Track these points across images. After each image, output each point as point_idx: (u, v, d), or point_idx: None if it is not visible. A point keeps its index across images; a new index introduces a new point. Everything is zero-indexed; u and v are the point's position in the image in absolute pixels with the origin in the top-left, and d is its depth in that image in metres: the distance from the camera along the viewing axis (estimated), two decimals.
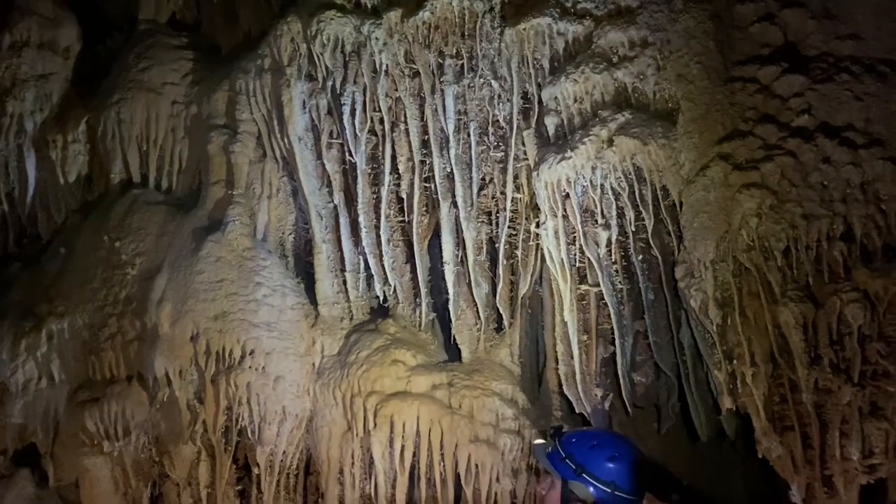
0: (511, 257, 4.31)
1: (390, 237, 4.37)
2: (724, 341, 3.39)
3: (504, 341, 4.40)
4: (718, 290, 3.34)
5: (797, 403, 3.30)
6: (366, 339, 4.32)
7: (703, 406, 3.74)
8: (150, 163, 4.92)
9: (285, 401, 4.25)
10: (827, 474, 3.30)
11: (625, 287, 3.95)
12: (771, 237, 3.17)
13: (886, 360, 3.15)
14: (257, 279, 4.38)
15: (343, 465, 4.18)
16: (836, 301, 3.12)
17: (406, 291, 4.45)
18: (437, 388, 4.20)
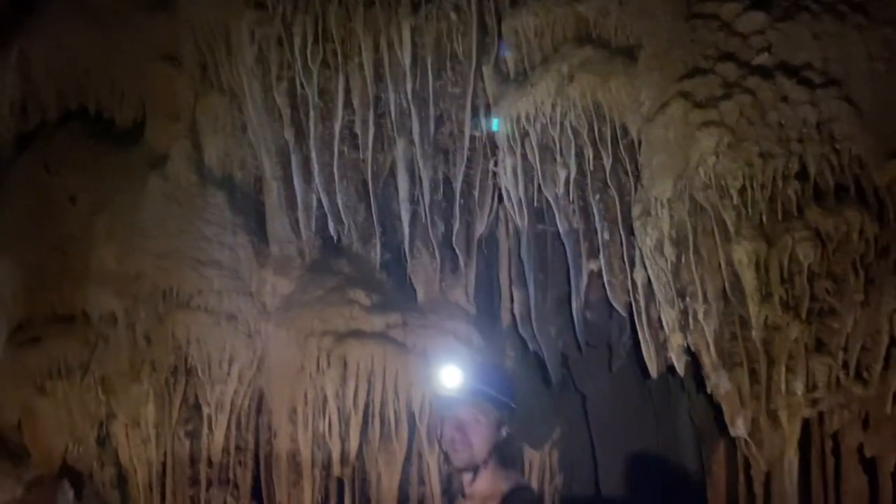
0: (468, 197, 4.26)
1: (344, 175, 4.26)
2: (677, 279, 3.41)
3: (460, 281, 4.39)
4: (674, 229, 3.34)
5: (746, 340, 3.36)
6: (319, 278, 4.26)
7: (653, 344, 3.78)
8: (89, 94, 4.66)
9: (236, 340, 4.18)
10: (772, 408, 3.39)
11: (581, 227, 3.94)
12: (727, 175, 3.17)
13: (833, 298, 3.22)
14: (205, 216, 4.25)
15: (295, 404, 4.14)
16: (788, 239, 3.15)
17: (360, 231, 4.36)
18: (391, 327, 4.18)
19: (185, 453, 4.24)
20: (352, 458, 4.09)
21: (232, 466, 4.29)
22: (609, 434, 4.44)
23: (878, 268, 3.20)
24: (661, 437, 4.45)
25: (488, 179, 4.21)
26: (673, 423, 4.45)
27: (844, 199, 3.16)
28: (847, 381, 3.32)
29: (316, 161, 4.23)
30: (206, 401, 4.21)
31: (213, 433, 4.24)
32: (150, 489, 4.22)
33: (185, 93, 4.38)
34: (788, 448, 3.43)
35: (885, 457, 4.14)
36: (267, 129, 4.30)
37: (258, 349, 4.23)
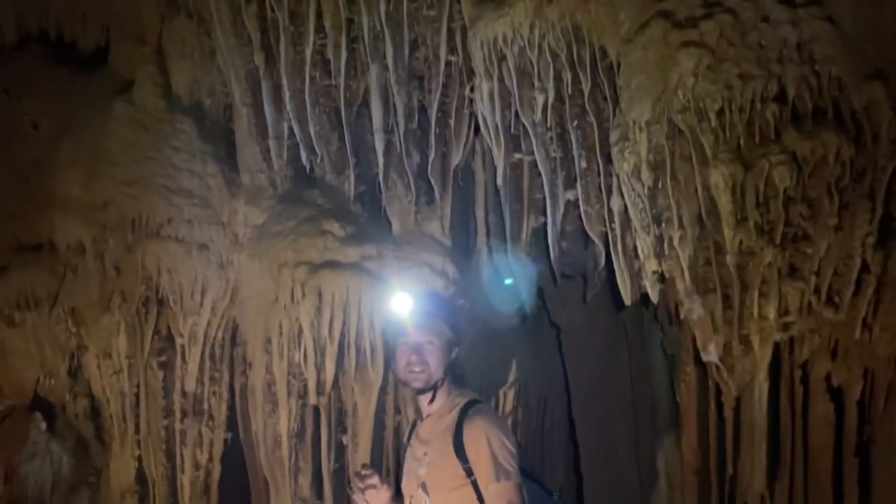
0: (444, 126, 4.18)
1: (316, 102, 4.14)
2: (653, 205, 3.40)
3: (435, 213, 4.34)
4: (651, 153, 3.31)
5: (720, 266, 3.37)
6: (292, 209, 4.19)
7: (628, 272, 3.78)
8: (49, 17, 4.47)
9: (208, 271, 4.12)
10: (743, 333, 3.43)
11: (558, 155, 3.90)
12: (706, 97, 3.13)
13: (807, 223, 3.23)
14: (174, 143, 4.15)
15: (270, 335, 4.11)
16: (764, 163, 3.13)
17: (334, 161, 4.27)
18: (366, 259, 4.13)
19: (159, 384, 4.22)
20: (327, 387, 4.08)
21: (206, 397, 4.28)
22: (582, 364, 4.48)
23: (852, 192, 3.20)
24: (634, 366, 4.49)
25: (464, 108, 4.13)
26: (646, 352, 4.49)
27: (822, 122, 3.14)
28: (818, 306, 3.35)
29: (287, 88, 4.10)
30: (178, 332, 4.16)
31: (187, 364, 4.21)
32: (124, 420, 4.21)
33: (151, 16, 4.22)
34: (759, 372, 3.48)
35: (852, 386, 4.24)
36: (236, 54, 4.16)
37: (231, 280, 4.18)
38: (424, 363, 2.08)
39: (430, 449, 2.09)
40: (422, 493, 2.07)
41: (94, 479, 4.40)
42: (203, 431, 4.27)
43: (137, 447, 4.24)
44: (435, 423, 2.12)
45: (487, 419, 2.08)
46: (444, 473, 2.04)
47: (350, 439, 4.19)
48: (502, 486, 1.98)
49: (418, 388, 2.10)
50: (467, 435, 2.02)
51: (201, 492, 4.28)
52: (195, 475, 4.25)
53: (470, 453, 2.01)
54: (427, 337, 2.09)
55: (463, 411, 2.09)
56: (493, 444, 2.01)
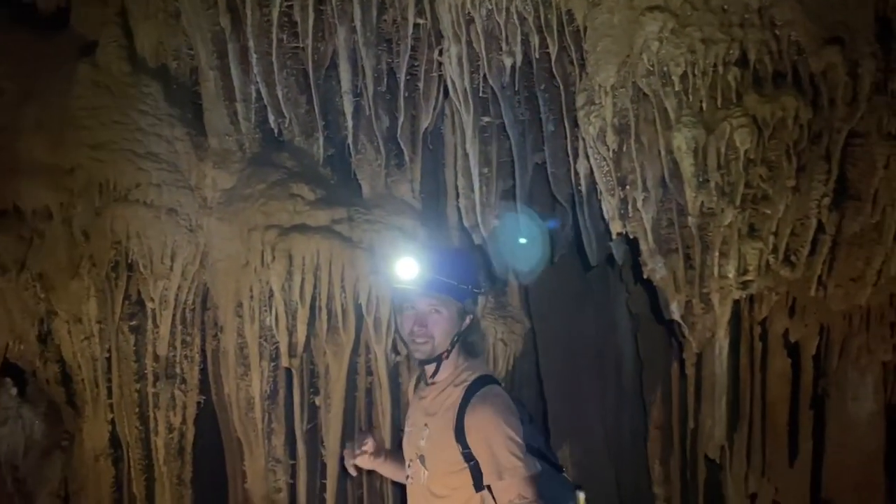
0: (413, 89, 4.18)
1: (284, 65, 4.11)
2: (618, 168, 3.48)
3: (405, 177, 4.36)
4: (616, 117, 3.38)
5: (682, 226, 3.48)
6: (261, 172, 4.17)
7: (594, 233, 3.88)
8: None
9: (177, 235, 4.10)
10: (704, 292, 3.55)
11: (526, 119, 3.95)
12: (670, 61, 3.19)
13: (767, 184, 3.32)
14: (141, 107, 4.08)
15: (241, 298, 4.12)
16: (726, 126, 3.21)
17: (303, 124, 4.26)
18: (336, 222, 4.14)
19: (130, 348, 4.21)
20: (299, 350, 4.12)
21: (178, 361, 4.29)
22: (550, 324, 4.59)
23: (809, 154, 3.30)
24: (600, 325, 4.62)
25: (433, 71, 4.12)
26: (611, 312, 4.62)
27: (781, 86, 3.22)
28: (776, 265, 3.47)
29: (254, 50, 4.05)
30: (149, 296, 4.15)
31: (159, 328, 4.21)
32: (96, 384, 4.21)
33: None
34: (719, 329, 3.61)
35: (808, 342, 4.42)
36: (201, 15, 4.09)
37: (201, 244, 4.16)
38: (429, 335, 1.94)
39: (432, 422, 1.97)
40: (420, 464, 1.98)
41: (68, 444, 4.42)
42: (176, 394, 4.29)
43: (110, 411, 4.25)
44: (440, 394, 1.99)
45: (491, 408, 1.90)
46: (442, 454, 1.94)
47: (322, 401, 4.25)
48: (506, 484, 1.85)
49: (420, 357, 1.97)
50: (469, 423, 1.89)
51: (175, 453, 4.32)
52: (169, 437, 4.27)
53: (471, 442, 1.89)
54: (434, 306, 1.94)
55: (469, 392, 1.93)
56: (495, 439, 1.86)
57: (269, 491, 4.28)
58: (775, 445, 4.54)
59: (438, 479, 1.96)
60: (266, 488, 4.28)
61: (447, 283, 1.94)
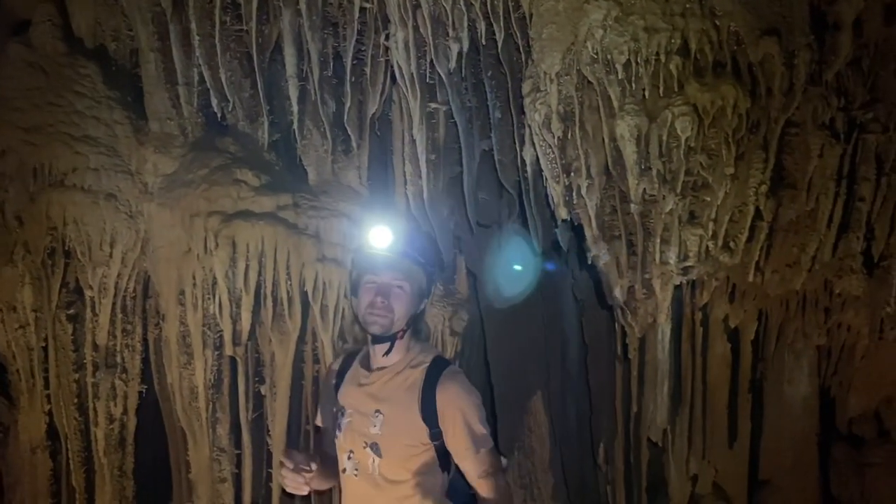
0: (359, 74, 4.14)
1: (227, 48, 4.03)
2: (563, 155, 3.50)
3: (353, 163, 4.32)
4: (561, 104, 3.40)
5: (625, 213, 3.52)
6: (203, 157, 4.07)
7: (540, 220, 3.91)
8: None
9: (116, 221, 3.98)
10: (647, 277, 3.60)
11: (473, 105, 3.95)
12: (614, 49, 3.22)
13: (706, 172, 3.39)
14: (77, 88, 3.95)
15: (183, 286, 4.03)
16: (667, 114, 3.26)
17: (247, 108, 4.18)
18: (282, 208, 4.08)
19: (68, 338, 4.09)
20: (244, 338, 4.06)
21: (119, 350, 4.18)
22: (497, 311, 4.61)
23: (748, 143, 3.37)
24: (546, 311, 4.66)
25: (380, 56, 4.09)
26: (557, 298, 4.66)
27: (721, 75, 3.27)
28: (715, 251, 3.54)
29: (196, 32, 3.96)
30: (87, 284, 4.04)
31: (98, 317, 4.10)
32: (32, 375, 4.08)
33: None
34: (660, 314, 3.67)
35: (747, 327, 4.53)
36: None
37: (141, 230, 4.05)
38: (389, 308, 1.91)
39: (385, 407, 1.93)
40: (370, 452, 1.93)
41: (2, 436, 4.28)
42: (116, 384, 4.18)
43: (47, 402, 4.12)
44: (394, 377, 1.96)
45: (462, 386, 1.94)
46: (403, 437, 1.92)
47: (268, 389, 4.20)
48: (480, 457, 1.90)
49: (376, 333, 1.92)
50: (441, 400, 1.90)
51: (116, 444, 4.22)
52: (109, 428, 4.17)
53: (444, 420, 1.89)
54: (398, 280, 1.92)
55: (433, 372, 1.94)
56: (470, 413, 1.90)
57: (214, 481, 4.22)
58: (715, 428, 4.66)
59: (396, 464, 1.93)
60: (211, 478, 4.22)
61: (417, 258, 1.94)
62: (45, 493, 4.21)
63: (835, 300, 4.27)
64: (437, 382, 1.92)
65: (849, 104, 3.71)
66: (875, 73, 3.73)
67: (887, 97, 3.73)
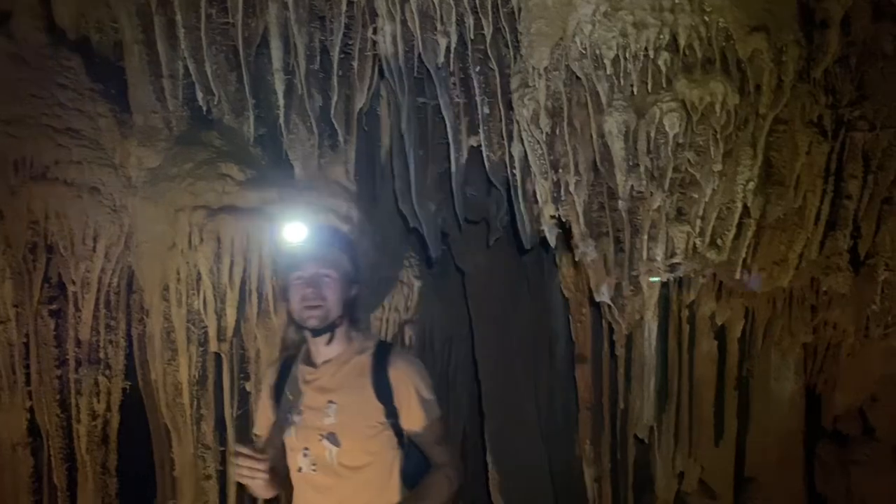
0: (347, 68, 4.11)
1: (213, 40, 3.98)
2: (551, 151, 3.48)
3: (339, 158, 4.28)
4: (550, 100, 3.37)
5: (613, 210, 3.50)
6: (188, 151, 4.03)
7: (528, 217, 3.88)
8: None
9: (100, 215, 3.94)
10: (633, 275, 3.59)
11: (461, 101, 3.92)
12: (602, 45, 3.18)
13: (694, 168, 3.36)
14: (60, 80, 3.90)
15: (168, 281, 3.99)
16: (656, 110, 3.23)
17: (233, 102, 4.13)
18: (267, 203, 4.04)
19: (50, 333, 4.05)
20: (229, 334, 4.02)
21: (102, 346, 4.15)
22: (485, 306, 4.59)
23: (736, 139, 3.35)
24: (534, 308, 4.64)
25: (368, 50, 4.05)
26: (546, 295, 4.64)
27: (710, 72, 3.25)
28: (703, 248, 3.53)
29: (181, 24, 3.92)
30: (70, 279, 3.99)
31: (81, 312, 4.06)
32: (13, 371, 4.03)
33: None
34: (647, 311, 3.66)
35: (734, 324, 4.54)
36: None
37: (125, 225, 4.01)
38: (321, 297, 1.96)
39: (337, 396, 1.98)
40: (327, 443, 1.96)
41: None
42: (99, 380, 4.15)
43: (29, 398, 4.08)
44: (340, 368, 2.01)
45: (412, 362, 2.06)
46: (359, 420, 1.97)
47: (253, 386, 4.15)
48: (434, 423, 2.00)
49: (314, 326, 1.97)
50: (394, 379, 1.98)
51: (99, 441, 4.18)
52: (92, 425, 4.13)
53: (399, 397, 1.97)
54: (324, 269, 1.97)
55: (380, 354, 2.01)
56: (421, 385, 2.00)
57: (199, 478, 4.18)
58: (702, 425, 4.67)
59: (356, 449, 1.97)
60: (195, 476, 4.18)
61: (336, 247, 2.03)
62: (27, 490, 4.16)
63: (821, 298, 4.28)
64: (387, 362, 2.00)
65: (837, 102, 3.71)
66: (863, 70, 3.73)
67: (875, 95, 3.74)
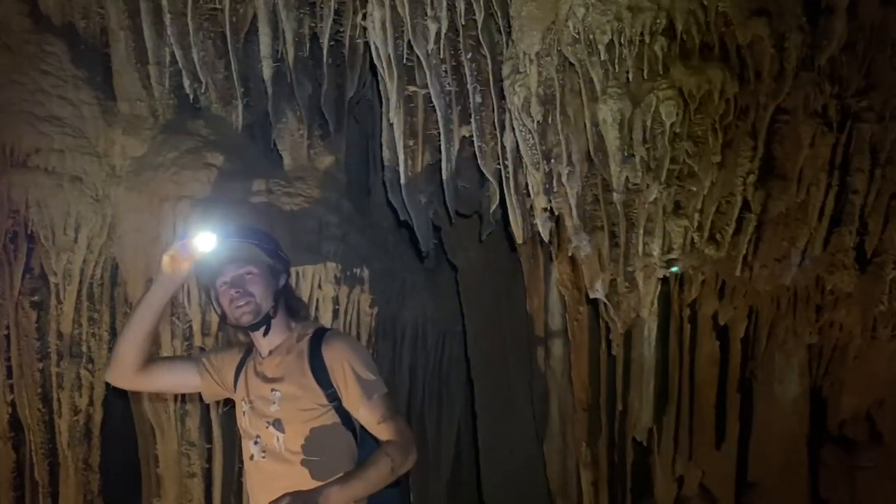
0: (337, 56, 4.00)
1: (200, 27, 3.89)
2: (543, 141, 3.36)
3: (329, 148, 4.18)
4: (541, 86, 3.26)
5: (608, 203, 3.38)
6: (174, 140, 3.94)
7: (520, 210, 3.75)
8: None
9: (82, 205, 3.84)
10: (629, 270, 3.46)
11: (453, 89, 3.80)
12: (596, 29, 3.07)
13: (692, 160, 3.24)
14: (43, 67, 3.81)
15: (151, 273, 3.88)
16: (652, 98, 3.11)
17: (220, 90, 4.04)
18: (254, 194, 3.95)
19: (32, 325, 3.95)
20: (213, 328, 3.91)
21: (85, 339, 4.04)
22: (478, 303, 4.47)
23: (735, 130, 3.23)
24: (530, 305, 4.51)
25: (358, 37, 3.96)
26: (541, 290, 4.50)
27: (708, 58, 3.12)
28: (701, 243, 3.40)
29: (168, 10, 3.83)
30: (52, 270, 3.89)
31: (63, 304, 3.96)
32: None
33: None
34: (643, 308, 3.53)
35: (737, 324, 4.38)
36: None
37: (108, 215, 3.91)
38: (248, 294, 1.99)
39: (281, 385, 1.99)
40: (273, 430, 1.97)
41: None
42: (82, 374, 4.04)
43: (10, 392, 3.98)
44: (283, 358, 2.02)
45: (346, 340, 2.06)
46: (301, 404, 1.97)
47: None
48: (374, 403, 1.94)
49: (248, 322, 2.00)
50: (329, 358, 1.97)
51: (81, 437, 4.08)
52: (74, 420, 4.03)
53: (335, 376, 1.96)
54: (244, 268, 2.00)
55: (316, 337, 2.02)
56: (357, 363, 1.97)
57: (182, 475, 4.08)
58: (702, 428, 4.52)
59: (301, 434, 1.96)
60: (178, 473, 4.07)
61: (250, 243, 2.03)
62: (8, 486, 4.07)
63: (827, 297, 4.12)
64: (321, 343, 1.98)
65: (842, 91, 3.55)
66: (870, 58, 3.57)
67: (883, 84, 3.57)
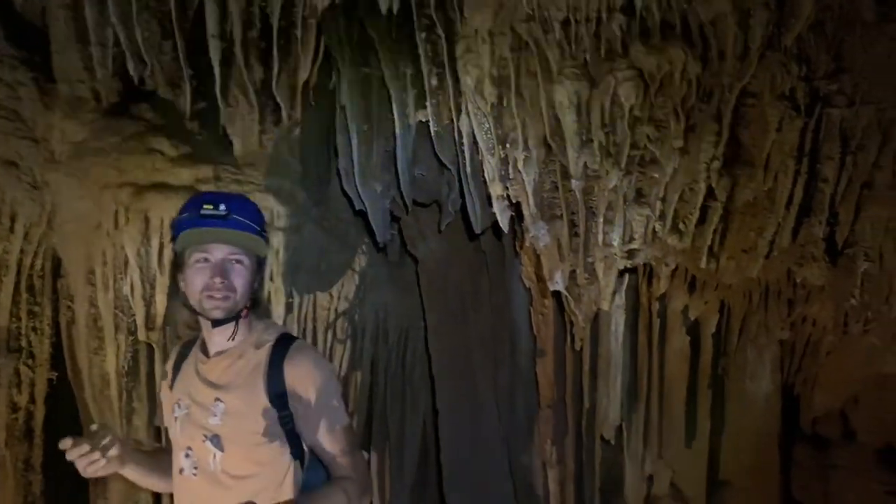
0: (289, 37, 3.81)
1: (145, 5, 3.68)
2: (499, 124, 3.19)
3: (283, 134, 3.99)
4: (495, 67, 3.09)
5: (567, 190, 3.21)
6: (116, 124, 3.74)
7: (479, 198, 3.59)
8: None
9: (18, 191, 3.65)
10: (589, 261, 3.30)
11: (409, 71, 3.62)
12: (551, 6, 2.90)
13: (654, 145, 3.07)
14: None
15: (93, 264, 3.70)
16: (610, 80, 2.95)
17: (168, 73, 3.84)
18: (201, 182, 3.75)
19: None
20: (158, 322, 3.73)
21: (25, 333, 3.86)
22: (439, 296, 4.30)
23: (699, 113, 3.06)
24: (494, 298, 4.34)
25: (312, 17, 3.76)
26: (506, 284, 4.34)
27: (670, 37, 2.96)
28: (664, 233, 3.24)
29: None
30: None
31: None
32: None
33: None
34: (604, 301, 3.37)
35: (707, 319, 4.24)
36: None
37: (47, 203, 3.73)
38: (230, 288, 1.72)
39: (227, 395, 1.73)
40: (210, 445, 1.73)
41: None
42: (21, 370, 3.86)
43: None
44: (233, 363, 1.75)
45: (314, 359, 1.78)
46: (249, 425, 1.72)
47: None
48: (337, 435, 1.74)
49: (218, 318, 1.72)
50: (291, 378, 1.72)
51: (21, 435, 3.90)
52: (12, 418, 3.85)
53: (295, 400, 1.72)
54: (236, 254, 1.73)
55: (278, 349, 1.75)
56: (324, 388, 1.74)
57: None
58: (673, 426, 4.38)
59: (240, 457, 1.72)
60: None
61: (252, 226, 1.75)
62: None
63: (799, 292, 3.98)
64: (284, 358, 1.72)
65: (811, 73, 3.39)
66: (840, 38, 3.40)
67: (854, 67, 3.41)
